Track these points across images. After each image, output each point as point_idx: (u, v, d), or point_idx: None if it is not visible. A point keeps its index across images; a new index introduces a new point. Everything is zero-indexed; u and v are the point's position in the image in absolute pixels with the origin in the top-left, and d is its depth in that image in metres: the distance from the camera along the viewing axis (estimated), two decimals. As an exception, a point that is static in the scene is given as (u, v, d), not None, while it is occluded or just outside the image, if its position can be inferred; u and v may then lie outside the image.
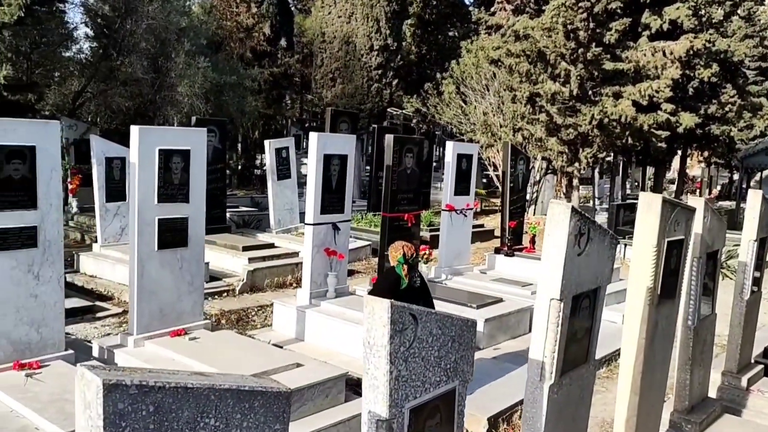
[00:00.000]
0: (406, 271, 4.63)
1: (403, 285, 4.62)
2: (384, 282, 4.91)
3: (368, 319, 2.14)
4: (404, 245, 4.71)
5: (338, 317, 6.25)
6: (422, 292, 4.84)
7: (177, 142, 5.31)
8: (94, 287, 8.26)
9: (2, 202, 4.31)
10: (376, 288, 5.04)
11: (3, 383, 4.14)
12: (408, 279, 4.63)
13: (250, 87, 15.96)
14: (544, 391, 2.96)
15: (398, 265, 4.66)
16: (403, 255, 4.63)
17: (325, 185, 6.73)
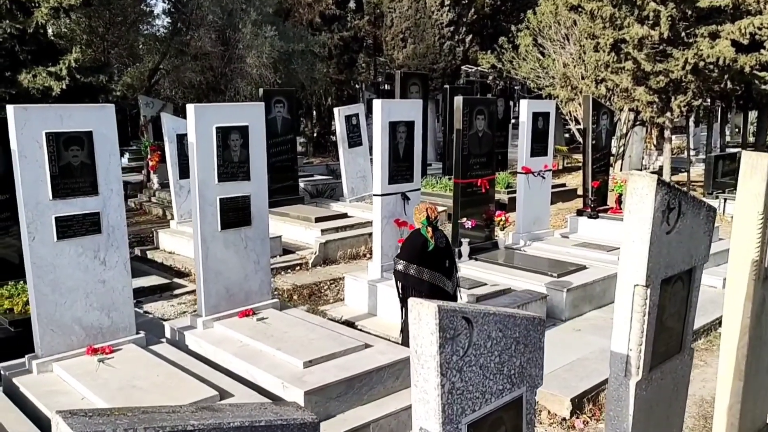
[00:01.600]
0: (431, 233, 4.84)
1: (430, 246, 4.83)
2: (410, 245, 4.99)
3: (414, 325, 1.85)
4: (428, 207, 4.92)
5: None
6: (447, 252, 4.99)
7: (234, 118, 5.15)
8: (172, 263, 8.42)
9: (64, 190, 4.30)
10: (403, 252, 5.05)
11: (77, 369, 4.19)
12: (434, 240, 4.83)
13: (320, 53, 15.74)
14: (630, 389, 2.59)
15: (423, 227, 4.86)
16: (427, 217, 4.85)
17: (392, 154, 6.44)
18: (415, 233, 4.99)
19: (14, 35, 7.93)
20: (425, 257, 4.85)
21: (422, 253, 4.82)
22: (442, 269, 4.92)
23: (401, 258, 4.96)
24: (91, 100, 8.44)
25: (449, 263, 4.98)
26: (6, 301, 5.15)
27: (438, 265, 4.89)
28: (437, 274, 4.88)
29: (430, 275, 4.84)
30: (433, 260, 4.88)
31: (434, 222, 4.90)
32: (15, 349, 4.63)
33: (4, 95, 7.80)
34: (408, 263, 4.88)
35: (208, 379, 4.20)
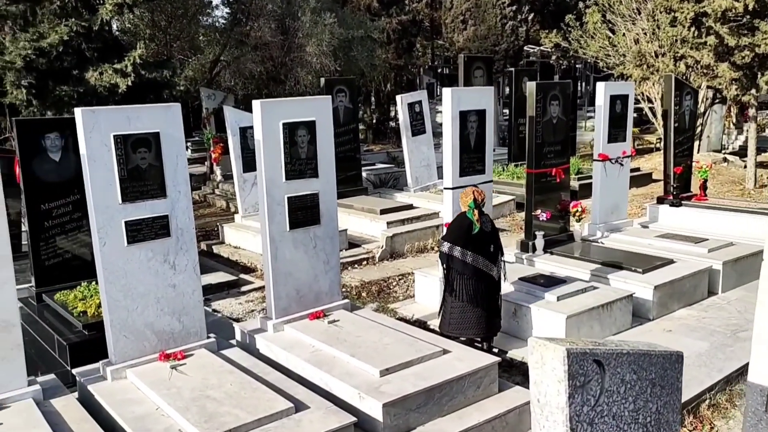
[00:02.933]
0: (477, 216, 4.90)
1: (475, 229, 4.89)
2: (456, 227, 5.07)
3: (536, 369, 1.57)
4: (474, 190, 4.99)
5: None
6: (493, 236, 5.04)
7: (301, 113, 4.95)
8: (238, 258, 8.37)
9: (133, 193, 4.20)
10: (448, 234, 5.12)
11: (150, 377, 4.11)
12: (479, 224, 4.89)
13: (379, 39, 15.42)
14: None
15: (469, 210, 4.92)
16: (474, 200, 4.91)
17: (462, 144, 6.12)
18: (461, 215, 5.05)
19: (80, 33, 7.99)
20: (470, 240, 4.90)
21: (467, 235, 4.88)
22: (487, 253, 4.95)
23: (446, 240, 5.02)
24: (156, 95, 8.45)
25: (494, 248, 5.03)
26: (80, 303, 5.15)
27: (483, 248, 4.94)
28: (480, 257, 4.91)
29: (473, 258, 4.89)
30: (478, 244, 4.92)
31: (481, 205, 4.95)
32: (89, 352, 4.61)
33: (72, 94, 7.88)
34: (452, 245, 4.92)
35: (282, 388, 4.03)
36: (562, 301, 5.41)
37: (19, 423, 3.53)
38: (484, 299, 4.94)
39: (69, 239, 5.93)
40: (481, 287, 4.92)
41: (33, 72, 7.78)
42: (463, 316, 4.92)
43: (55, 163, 5.80)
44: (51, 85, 7.90)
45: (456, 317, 4.95)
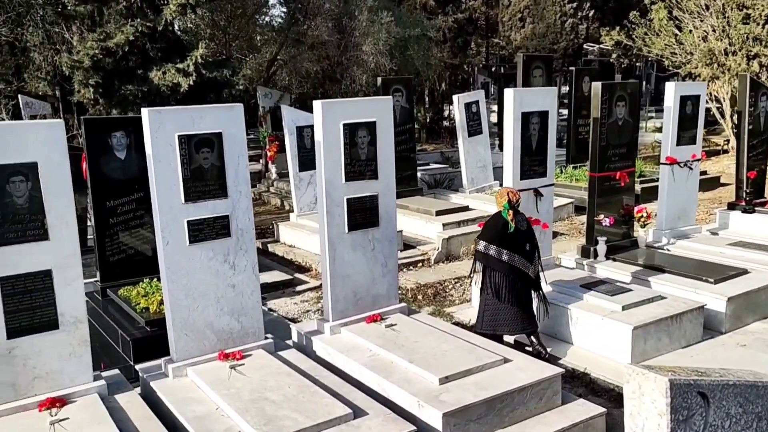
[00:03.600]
0: (512, 216, 4.96)
1: (511, 229, 4.95)
2: (491, 226, 5.10)
3: (633, 401, 1.44)
4: (509, 191, 5.07)
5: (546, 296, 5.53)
6: (528, 235, 5.08)
7: (361, 113, 4.89)
8: (293, 257, 8.41)
9: (195, 193, 4.23)
10: (483, 233, 5.14)
11: (210, 376, 4.13)
12: (514, 223, 4.95)
13: (435, 38, 15.27)
14: None
15: (504, 210, 4.98)
16: (509, 201, 4.97)
17: (524, 147, 5.95)
18: (496, 215, 5.11)
19: (145, 33, 8.18)
20: (505, 239, 4.95)
21: (502, 234, 4.95)
22: (523, 252, 4.99)
23: (481, 239, 5.07)
24: (216, 94, 8.59)
25: (530, 247, 5.06)
26: (142, 299, 5.23)
27: (518, 247, 4.98)
28: (516, 256, 4.96)
29: (509, 257, 4.94)
30: (513, 243, 4.98)
31: (515, 205, 5.02)
32: (151, 349, 4.68)
33: (137, 93, 8.07)
34: (488, 244, 4.99)
35: (339, 392, 3.98)
36: (627, 311, 5.19)
37: (85, 418, 3.59)
38: (519, 297, 5.01)
39: (132, 236, 6.05)
40: (517, 285, 4.99)
41: (100, 71, 8.01)
42: (497, 314, 5.01)
43: (120, 161, 5.93)
44: (117, 84, 8.12)
45: (490, 314, 5.02)
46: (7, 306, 3.61)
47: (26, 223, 3.64)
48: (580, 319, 5.25)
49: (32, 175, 3.63)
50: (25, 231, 3.64)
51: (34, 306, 3.69)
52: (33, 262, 3.67)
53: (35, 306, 3.70)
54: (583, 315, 5.23)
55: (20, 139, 3.60)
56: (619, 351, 4.94)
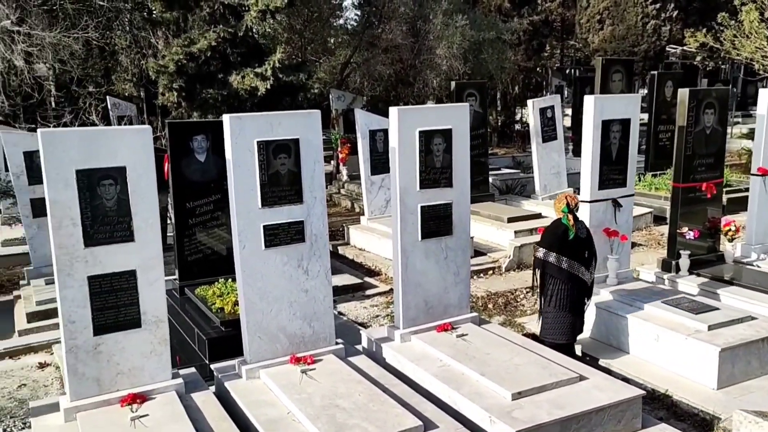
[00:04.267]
0: (572, 221, 4.93)
1: (571, 235, 4.91)
2: (551, 233, 5.07)
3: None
4: (567, 196, 5.03)
5: (620, 311, 5.31)
6: (588, 242, 5.06)
7: (437, 121, 4.84)
8: (362, 261, 8.44)
9: (272, 198, 4.29)
10: (543, 240, 5.12)
11: (282, 379, 4.18)
12: (575, 229, 4.92)
13: (509, 40, 15.01)
14: None
15: (564, 216, 4.93)
16: (567, 205, 4.92)
17: (603, 155, 5.74)
18: (556, 222, 5.06)
19: (226, 39, 8.42)
20: (565, 246, 4.92)
21: (563, 241, 4.91)
22: (582, 259, 4.98)
23: (541, 245, 5.05)
24: (291, 98, 8.74)
25: (589, 254, 5.05)
26: (217, 299, 5.37)
27: (577, 254, 4.96)
28: (575, 263, 4.93)
29: (568, 264, 4.91)
30: (573, 249, 4.95)
31: (574, 210, 4.99)
32: (225, 349, 4.80)
33: (217, 96, 8.32)
34: (548, 251, 4.96)
35: (409, 402, 3.95)
36: (713, 331, 4.90)
37: (164, 416, 3.70)
38: (576, 304, 5.01)
39: (209, 236, 6.23)
40: (575, 292, 4.98)
41: (183, 76, 8.30)
42: (557, 321, 4.99)
43: (200, 163, 6.11)
44: (198, 87, 8.40)
45: (550, 322, 5.01)
46: (94, 303, 3.77)
47: (114, 225, 3.79)
48: (661, 337, 5.01)
49: (121, 178, 3.77)
50: (113, 232, 3.79)
51: (119, 304, 3.84)
52: (119, 262, 3.82)
53: (120, 304, 3.84)
54: (665, 333, 4.98)
55: (111, 144, 3.75)
56: (704, 374, 4.68)
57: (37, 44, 9.35)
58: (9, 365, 5.44)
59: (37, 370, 5.33)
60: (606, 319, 5.45)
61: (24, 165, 7.06)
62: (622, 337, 5.28)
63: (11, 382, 5.12)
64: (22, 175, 7.08)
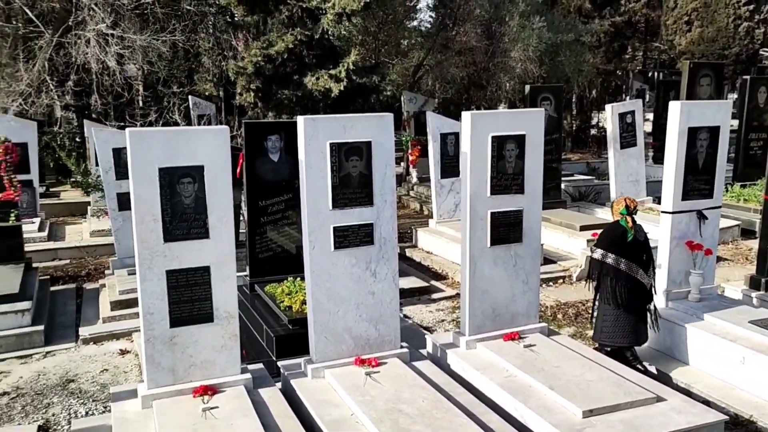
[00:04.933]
0: (631, 224, 4.91)
1: (629, 237, 4.89)
2: (610, 234, 5.03)
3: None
4: (626, 198, 5.04)
5: (706, 330, 5.04)
6: (645, 246, 5.01)
7: (511, 126, 4.75)
8: (430, 264, 8.40)
9: (342, 200, 4.33)
10: (601, 241, 5.07)
11: (346, 380, 4.21)
12: (634, 231, 4.91)
13: (589, 42, 14.56)
14: None
15: (622, 218, 4.93)
16: (626, 207, 4.92)
17: (688, 164, 5.47)
18: (614, 224, 5.06)
19: (303, 41, 8.59)
20: (624, 248, 4.90)
21: (621, 243, 4.90)
22: (640, 262, 4.94)
23: (599, 246, 5.02)
24: (364, 100, 8.82)
25: (647, 258, 5.00)
26: (286, 297, 5.47)
27: (636, 257, 4.92)
28: (634, 265, 4.90)
29: (627, 265, 4.88)
30: (631, 252, 4.92)
31: (633, 212, 4.95)
32: (292, 346, 4.88)
33: (291, 97, 8.50)
34: (606, 252, 4.93)
35: (474, 412, 3.89)
36: (809, 356, 4.57)
37: (233, 410, 3.80)
38: (636, 307, 4.95)
39: (280, 235, 6.35)
40: (633, 295, 4.92)
41: (260, 77, 8.53)
42: (617, 325, 4.93)
43: (273, 163, 6.25)
44: (274, 88, 8.61)
45: (609, 325, 4.93)
46: (171, 297, 3.92)
47: (191, 222, 3.92)
48: (747, 359, 4.71)
49: (199, 177, 3.90)
50: (190, 229, 3.92)
51: (193, 299, 3.97)
52: (195, 258, 3.95)
53: (195, 299, 3.97)
54: (753, 355, 4.67)
55: (191, 143, 3.88)
56: (793, 401, 4.38)
57: (128, 47, 9.84)
58: (93, 350, 5.74)
59: (119, 356, 5.60)
60: (684, 335, 5.19)
61: (113, 161, 7.44)
62: (702, 357, 5.01)
63: (95, 366, 5.40)
64: (110, 170, 7.46)
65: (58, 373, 5.26)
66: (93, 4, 10.00)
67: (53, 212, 11.59)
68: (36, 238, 9.27)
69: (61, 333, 6.11)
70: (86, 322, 6.28)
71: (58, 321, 6.44)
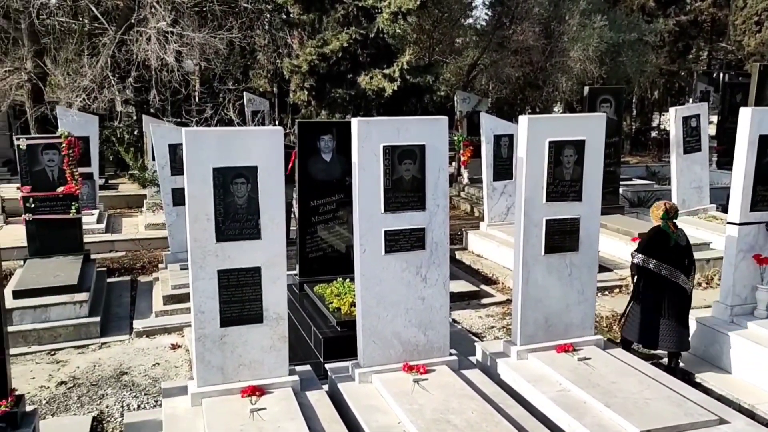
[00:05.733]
0: (673, 228, 4.92)
1: (672, 241, 4.88)
2: (651, 239, 4.98)
3: None
4: (665, 202, 5.06)
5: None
6: (687, 251, 4.98)
7: (569, 131, 4.60)
8: (480, 268, 8.26)
9: (394, 203, 4.28)
10: (643, 246, 5.02)
11: (393, 386, 4.15)
12: (676, 236, 4.90)
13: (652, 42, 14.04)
14: None
15: (663, 222, 4.91)
16: (666, 212, 4.91)
17: (758, 174, 5.18)
18: (655, 228, 5.01)
19: (358, 40, 8.56)
20: (665, 253, 4.87)
21: (663, 248, 4.86)
22: (682, 267, 4.92)
23: (639, 252, 4.98)
24: (417, 100, 8.73)
25: (689, 262, 4.98)
26: (335, 299, 5.45)
27: (678, 263, 4.91)
28: (676, 270, 4.88)
29: (668, 271, 4.86)
30: (673, 257, 4.89)
31: (673, 216, 4.95)
32: (340, 350, 4.85)
33: (345, 96, 8.49)
34: (647, 258, 4.91)
35: (525, 427, 3.78)
36: None
37: (280, 412, 3.80)
38: (676, 312, 4.93)
39: (330, 235, 6.34)
40: (675, 299, 4.91)
41: (314, 75, 8.54)
42: (653, 327, 4.92)
43: (325, 162, 6.24)
44: (328, 87, 8.62)
45: (645, 326, 4.93)
46: (222, 297, 3.94)
47: (243, 222, 3.93)
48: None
49: (252, 177, 3.91)
50: (242, 229, 3.93)
51: (244, 299, 3.98)
52: (246, 258, 3.96)
53: (245, 299, 3.99)
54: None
55: (245, 144, 3.89)
56: None
57: (187, 44, 10.04)
58: (146, 344, 5.87)
59: (170, 350, 5.70)
60: (748, 354, 4.93)
61: (168, 157, 7.58)
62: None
63: (147, 359, 5.51)
64: (166, 165, 7.61)
65: (112, 364, 5.39)
66: (155, 2, 10.25)
67: (111, 204, 11.96)
68: (95, 229, 9.56)
69: (116, 324, 6.28)
70: (140, 315, 6.42)
71: (114, 312, 6.62)
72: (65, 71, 10.39)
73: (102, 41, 10.87)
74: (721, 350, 5.19)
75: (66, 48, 11.53)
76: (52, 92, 11.02)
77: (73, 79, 10.23)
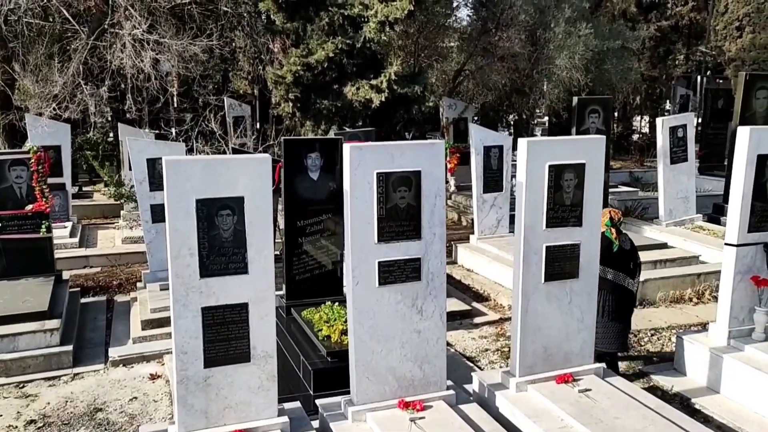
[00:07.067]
0: (616, 234, 5.14)
1: (615, 248, 5.13)
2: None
3: None
4: (611, 210, 5.22)
5: (771, 373, 4.67)
6: (632, 254, 5.26)
7: (570, 154, 4.43)
8: (470, 283, 8.09)
9: (388, 233, 4.07)
10: None
11: (389, 424, 3.96)
12: (618, 242, 5.14)
13: (634, 48, 14.00)
14: None
15: (607, 229, 5.07)
16: (611, 219, 5.11)
17: (757, 194, 5.08)
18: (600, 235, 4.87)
19: (344, 50, 8.33)
20: (610, 258, 5.07)
21: (607, 254, 5.00)
22: (627, 270, 5.19)
23: None
24: (405, 110, 8.52)
25: (634, 265, 5.26)
26: (324, 326, 5.22)
27: (622, 265, 5.17)
28: (621, 273, 5.16)
29: (613, 275, 5.13)
30: (618, 261, 5.14)
31: (618, 224, 5.15)
32: (330, 382, 4.63)
33: (331, 107, 8.25)
34: None
35: (528, 471, 3.59)
36: None
37: (269, 462, 3.56)
38: (623, 314, 5.24)
39: (318, 257, 6.11)
40: (621, 302, 5.19)
41: (299, 86, 8.28)
42: (606, 331, 5.14)
43: (312, 181, 6.01)
44: (313, 97, 8.36)
45: (600, 332, 4.98)
46: (207, 336, 3.69)
47: (229, 256, 3.69)
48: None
49: (238, 209, 3.67)
50: (228, 264, 3.69)
51: (230, 337, 3.74)
52: (232, 294, 3.72)
53: (231, 337, 3.74)
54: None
55: (231, 173, 3.64)
56: None
57: (164, 51, 9.70)
58: (123, 374, 5.57)
59: (149, 381, 5.42)
60: (746, 378, 4.82)
61: (147, 172, 7.28)
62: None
63: (124, 393, 5.21)
64: (144, 181, 7.31)
65: (86, 400, 5.09)
66: (129, 5, 9.89)
67: (85, 214, 11.59)
68: (67, 244, 9.20)
69: (91, 352, 5.96)
70: (116, 342, 6.11)
71: (88, 337, 6.31)
72: (35, 78, 9.98)
73: (73, 46, 10.47)
74: (719, 375, 5.10)
75: (35, 52, 11.09)
76: (20, 99, 10.59)
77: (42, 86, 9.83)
